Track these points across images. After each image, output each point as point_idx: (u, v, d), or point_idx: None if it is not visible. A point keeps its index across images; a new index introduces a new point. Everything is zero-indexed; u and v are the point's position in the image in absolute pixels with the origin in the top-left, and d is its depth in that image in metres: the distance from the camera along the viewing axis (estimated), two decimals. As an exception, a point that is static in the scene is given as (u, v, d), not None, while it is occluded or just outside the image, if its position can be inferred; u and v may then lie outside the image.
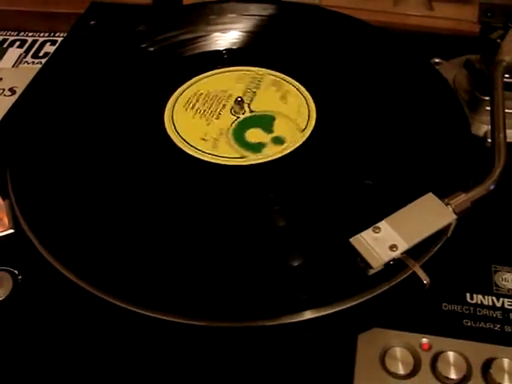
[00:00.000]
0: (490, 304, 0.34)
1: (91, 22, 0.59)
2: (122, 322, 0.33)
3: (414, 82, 0.47)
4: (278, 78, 0.48)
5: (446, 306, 0.34)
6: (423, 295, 0.34)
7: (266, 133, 0.43)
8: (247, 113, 0.45)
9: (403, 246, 0.33)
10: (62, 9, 0.65)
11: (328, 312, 0.33)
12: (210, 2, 0.56)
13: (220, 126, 0.44)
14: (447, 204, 0.34)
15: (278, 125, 0.44)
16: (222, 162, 0.41)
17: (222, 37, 0.52)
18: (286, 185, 0.40)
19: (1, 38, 0.67)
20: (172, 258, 0.35)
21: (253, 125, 0.44)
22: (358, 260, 0.33)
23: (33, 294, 0.35)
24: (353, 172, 0.40)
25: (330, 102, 0.45)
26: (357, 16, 0.54)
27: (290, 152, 0.41)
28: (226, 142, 0.43)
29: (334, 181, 0.40)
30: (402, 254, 0.33)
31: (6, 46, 0.66)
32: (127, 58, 0.51)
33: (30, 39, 0.67)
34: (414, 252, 0.33)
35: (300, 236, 0.36)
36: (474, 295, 0.35)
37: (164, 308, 0.32)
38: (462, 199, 0.35)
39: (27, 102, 0.49)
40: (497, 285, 0.35)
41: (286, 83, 0.48)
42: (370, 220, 0.34)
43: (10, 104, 0.50)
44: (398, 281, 0.34)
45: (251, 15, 0.53)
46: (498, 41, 0.45)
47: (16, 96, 0.55)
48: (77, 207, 0.38)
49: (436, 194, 0.35)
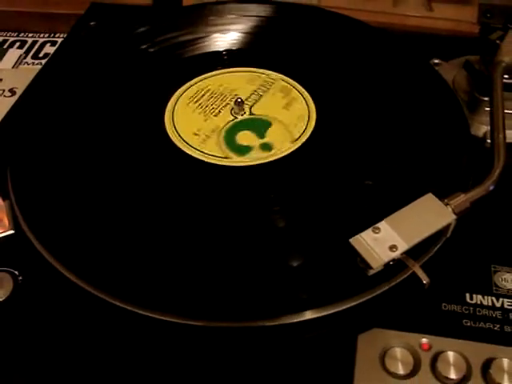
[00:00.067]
0: (490, 304, 0.34)
1: (91, 23, 0.59)
2: (122, 322, 0.33)
3: (414, 82, 0.47)
4: (290, 84, 0.48)
5: (445, 306, 0.34)
6: (423, 295, 0.34)
7: (258, 137, 0.43)
8: (246, 115, 0.45)
9: (403, 247, 0.33)
10: (62, 9, 0.65)
11: (328, 312, 0.33)
12: (210, 3, 0.56)
13: (216, 124, 0.44)
14: (447, 204, 0.35)
15: (271, 131, 0.44)
16: (204, 159, 0.41)
17: (222, 38, 0.52)
18: (277, 187, 0.40)
19: (1, 39, 0.67)
20: (172, 258, 0.35)
21: (247, 127, 0.44)
22: (357, 260, 0.33)
23: (33, 294, 0.35)
24: (353, 172, 0.40)
25: (330, 105, 0.45)
26: (356, 17, 0.54)
27: (276, 159, 0.41)
28: (215, 141, 0.43)
29: (333, 181, 0.40)
30: (401, 254, 0.33)
31: (6, 46, 0.66)
32: (127, 59, 0.51)
33: (30, 40, 0.67)
34: (413, 252, 0.33)
35: (300, 236, 0.36)
36: (474, 295, 0.35)
37: (164, 308, 0.33)
38: (462, 200, 0.35)
39: (27, 102, 0.49)
40: (496, 285, 0.35)
41: (295, 90, 0.47)
42: (369, 220, 0.34)
43: (10, 105, 0.50)
44: (397, 281, 0.34)
45: (251, 16, 0.54)
46: (498, 42, 0.45)
47: (16, 97, 0.55)
48: (77, 207, 0.38)
49: (435, 195, 0.35)
